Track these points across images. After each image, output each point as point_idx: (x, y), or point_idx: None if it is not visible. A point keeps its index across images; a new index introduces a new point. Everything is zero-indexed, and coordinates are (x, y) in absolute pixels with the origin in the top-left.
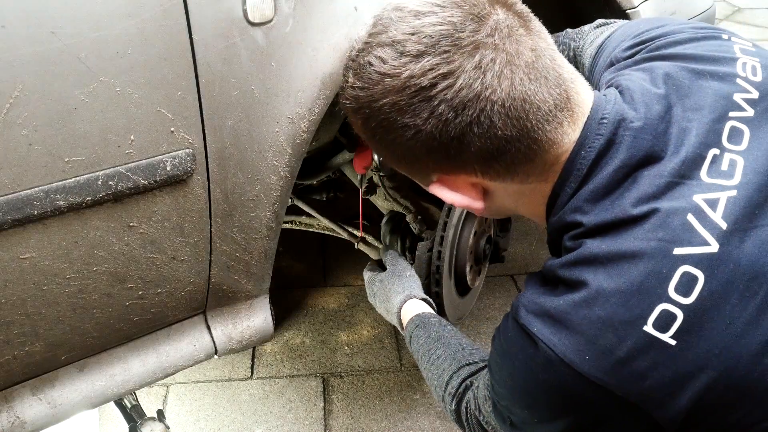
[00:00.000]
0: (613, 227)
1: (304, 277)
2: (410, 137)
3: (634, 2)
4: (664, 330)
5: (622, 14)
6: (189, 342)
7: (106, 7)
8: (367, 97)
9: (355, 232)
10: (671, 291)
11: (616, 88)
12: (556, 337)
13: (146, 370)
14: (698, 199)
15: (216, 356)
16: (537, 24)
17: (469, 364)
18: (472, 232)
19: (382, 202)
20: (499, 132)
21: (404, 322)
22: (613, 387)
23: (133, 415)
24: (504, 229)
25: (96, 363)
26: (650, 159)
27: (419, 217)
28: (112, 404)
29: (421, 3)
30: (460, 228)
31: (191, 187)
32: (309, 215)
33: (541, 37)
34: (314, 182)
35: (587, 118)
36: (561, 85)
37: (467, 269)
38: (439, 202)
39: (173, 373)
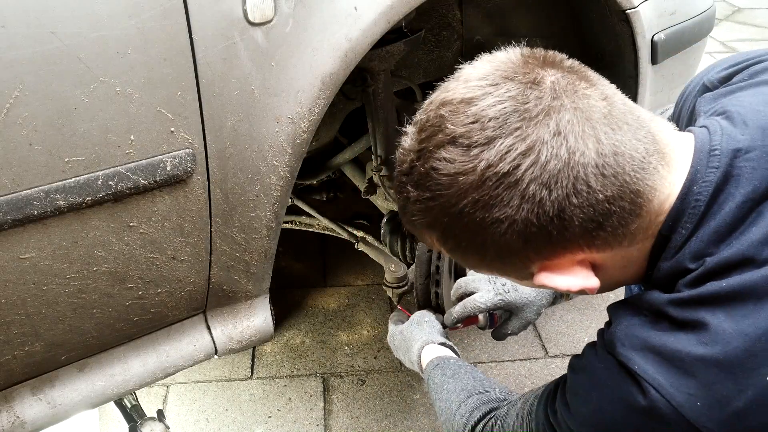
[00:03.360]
0: (738, 266)
1: (304, 277)
2: (503, 231)
3: (634, 2)
4: None
5: (622, 14)
6: (189, 342)
7: (106, 7)
8: (441, 205)
9: (355, 231)
10: None
11: (721, 114)
12: (664, 377)
13: (146, 370)
14: None
15: (216, 356)
16: (592, 73)
17: (479, 393)
18: None
19: (382, 202)
20: (600, 195)
21: (423, 367)
22: None
23: (133, 415)
24: None
25: (96, 363)
26: None
27: None
28: (112, 404)
29: (468, 89)
30: None
31: (191, 187)
32: (309, 215)
33: (604, 84)
34: (314, 182)
35: (694, 152)
36: (644, 127)
37: (467, 269)
38: None
39: (173, 373)
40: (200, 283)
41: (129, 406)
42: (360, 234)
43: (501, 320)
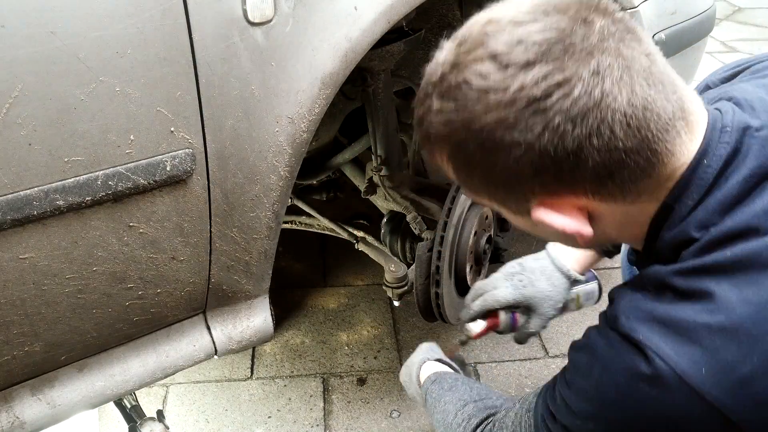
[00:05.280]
0: (742, 235)
1: (304, 277)
2: (518, 157)
3: (634, 2)
4: None
5: None
6: (189, 342)
7: (106, 7)
8: (463, 118)
9: (355, 231)
10: None
11: (729, 100)
12: (668, 345)
13: (146, 370)
14: None
15: (216, 356)
16: (641, 29)
17: (476, 401)
18: (472, 232)
19: (382, 202)
20: (620, 144)
21: (421, 383)
22: (727, 409)
23: (133, 415)
24: (504, 229)
25: (96, 363)
26: None
27: (419, 217)
28: (112, 404)
29: (518, 12)
30: (460, 228)
31: (191, 187)
32: (309, 215)
33: (649, 42)
34: (314, 182)
35: (707, 128)
36: (677, 92)
37: (467, 269)
38: (439, 202)
39: (173, 374)
40: (200, 283)
41: (129, 406)
42: (360, 234)
43: (521, 321)
